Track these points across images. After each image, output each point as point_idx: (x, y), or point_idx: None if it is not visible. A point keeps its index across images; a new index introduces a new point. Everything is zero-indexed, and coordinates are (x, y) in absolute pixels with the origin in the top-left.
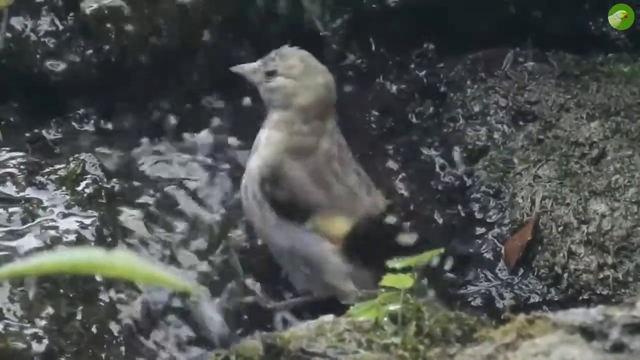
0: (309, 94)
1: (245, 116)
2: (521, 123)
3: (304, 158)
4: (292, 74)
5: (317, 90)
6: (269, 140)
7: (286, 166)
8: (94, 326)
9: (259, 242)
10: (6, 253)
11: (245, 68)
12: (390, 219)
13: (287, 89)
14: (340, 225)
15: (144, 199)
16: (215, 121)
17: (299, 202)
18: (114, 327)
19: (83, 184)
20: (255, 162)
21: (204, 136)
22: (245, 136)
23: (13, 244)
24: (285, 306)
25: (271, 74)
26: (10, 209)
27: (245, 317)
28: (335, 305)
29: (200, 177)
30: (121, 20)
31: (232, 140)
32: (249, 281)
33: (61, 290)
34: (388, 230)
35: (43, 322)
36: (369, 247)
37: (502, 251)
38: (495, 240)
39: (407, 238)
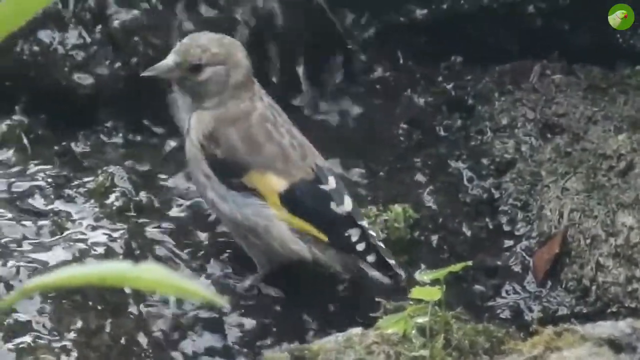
0: (240, 71)
1: None
2: (549, 136)
3: (237, 124)
4: (218, 60)
5: (244, 64)
6: (200, 119)
7: (221, 129)
8: (123, 338)
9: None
10: (35, 266)
11: (160, 69)
12: (326, 185)
13: (221, 76)
14: (275, 183)
15: (172, 212)
16: None
17: (234, 159)
18: (143, 340)
19: (112, 197)
20: (193, 135)
21: None
22: None
23: (42, 257)
24: (255, 280)
25: (197, 68)
26: (39, 222)
27: (274, 328)
28: (363, 317)
29: None
30: (149, 32)
31: None
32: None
33: (90, 303)
34: (324, 197)
35: (72, 335)
36: (305, 214)
37: (531, 264)
38: (524, 253)
39: (340, 207)
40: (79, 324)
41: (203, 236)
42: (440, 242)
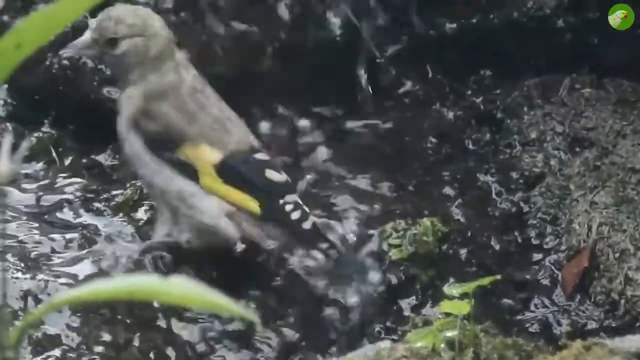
0: (158, 41)
1: (300, 141)
2: (578, 149)
3: (167, 97)
4: (135, 31)
5: (162, 33)
6: (130, 97)
7: (153, 104)
8: (152, 353)
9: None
10: (63, 279)
11: (78, 45)
12: (261, 155)
13: (138, 48)
14: (209, 154)
15: None
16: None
17: (169, 132)
18: (172, 354)
19: (140, 210)
20: (124, 113)
21: None
22: (301, 159)
23: (70, 270)
24: (151, 247)
25: (112, 42)
26: (68, 235)
27: (302, 342)
28: (392, 330)
29: None
30: (177, 47)
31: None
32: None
33: (118, 317)
34: (259, 166)
35: (100, 349)
36: (240, 182)
37: (559, 277)
38: (552, 267)
39: (276, 175)
40: (108, 337)
41: (231, 249)
42: (469, 255)
